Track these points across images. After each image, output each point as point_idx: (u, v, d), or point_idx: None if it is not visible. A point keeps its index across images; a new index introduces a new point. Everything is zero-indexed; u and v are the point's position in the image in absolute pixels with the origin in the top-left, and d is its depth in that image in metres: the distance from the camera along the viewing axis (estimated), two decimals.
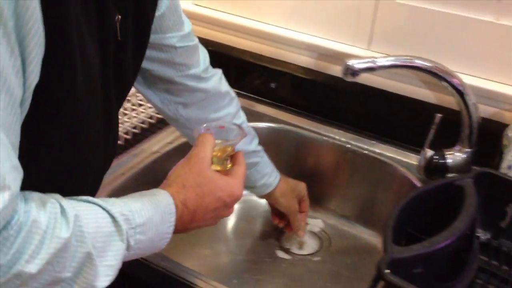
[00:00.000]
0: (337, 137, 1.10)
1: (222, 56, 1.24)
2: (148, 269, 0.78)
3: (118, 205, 0.55)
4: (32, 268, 0.46)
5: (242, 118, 0.92)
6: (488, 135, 0.95)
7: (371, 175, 1.07)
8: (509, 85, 0.96)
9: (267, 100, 1.22)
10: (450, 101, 0.94)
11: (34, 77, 0.46)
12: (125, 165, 0.98)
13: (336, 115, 1.13)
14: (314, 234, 1.08)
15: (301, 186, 1.02)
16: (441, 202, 0.79)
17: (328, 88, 1.12)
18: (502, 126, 0.93)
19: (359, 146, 1.08)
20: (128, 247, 0.55)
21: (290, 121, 1.15)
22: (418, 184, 0.98)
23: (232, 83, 1.24)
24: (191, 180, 0.63)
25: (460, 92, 0.88)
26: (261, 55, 1.19)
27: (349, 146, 1.08)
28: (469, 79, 0.96)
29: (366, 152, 1.07)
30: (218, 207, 0.65)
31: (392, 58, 0.87)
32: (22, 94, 0.46)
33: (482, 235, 0.83)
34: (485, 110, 0.97)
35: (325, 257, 1.03)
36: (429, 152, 0.96)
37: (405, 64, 0.87)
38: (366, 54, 1.05)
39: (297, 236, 1.03)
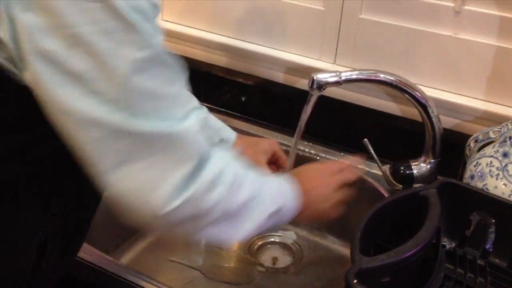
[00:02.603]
0: (306, 149, 1.11)
1: (191, 71, 1.23)
2: (118, 284, 0.78)
3: None
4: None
5: None
6: (451, 145, 0.98)
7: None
8: (468, 97, 0.99)
9: (238, 114, 1.23)
10: (414, 113, 0.97)
11: None
12: None
13: (305, 128, 1.14)
14: (286, 246, 1.09)
15: (266, 143, 0.95)
16: (407, 212, 0.81)
17: (297, 102, 1.13)
18: (464, 137, 0.96)
19: (328, 158, 1.09)
20: None
21: (261, 134, 1.16)
22: (386, 194, 1.00)
23: (202, 97, 1.26)
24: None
25: (422, 105, 0.91)
26: (230, 70, 1.20)
27: (318, 158, 1.10)
28: (430, 91, 0.99)
29: None
30: (322, 168, 0.81)
31: (357, 72, 0.89)
32: None
33: (448, 243, 0.85)
34: (447, 122, 0.99)
35: (297, 268, 1.04)
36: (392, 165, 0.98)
37: (369, 78, 0.89)
38: (332, 68, 1.08)
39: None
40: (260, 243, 1.07)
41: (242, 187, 0.62)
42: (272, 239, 1.09)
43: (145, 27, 0.49)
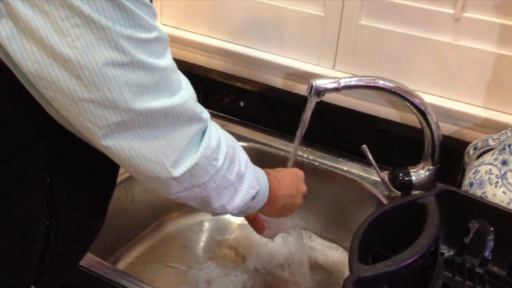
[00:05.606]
0: (305, 155, 1.11)
1: (190, 76, 1.23)
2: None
3: None
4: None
5: None
6: (450, 152, 0.97)
7: (339, 192, 1.08)
8: (468, 103, 0.99)
9: (236, 119, 1.22)
10: (413, 119, 0.96)
11: None
12: None
13: (304, 133, 1.14)
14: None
15: None
16: (405, 220, 0.80)
17: (296, 107, 1.13)
18: (464, 144, 0.96)
19: (326, 164, 1.09)
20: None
21: (259, 139, 1.16)
22: (385, 201, 1.00)
23: (201, 102, 1.25)
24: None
25: (421, 111, 0.91)
26: (229, 74, 1.20)
27: (317, 164, 1.09)
28: (430, 98, 0.99)
29: (333, 169, 1.08)
30: (294, 179, 0.83)
31: (356, 79, 0.89)
32: None
33: (446, 251, 0.84)
34: (446, 128, 0.99)
35: (295, 275, 1.03)
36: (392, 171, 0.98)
37: (368, 84, 0.89)
38: (331, 74, 1.07)
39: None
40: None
41: (235, 160, 0.67)
42: (271, 244, 1.09)
43: (141, 12, 0.52)
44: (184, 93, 0.58)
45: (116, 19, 0.49)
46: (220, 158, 0.63)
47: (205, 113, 0.62)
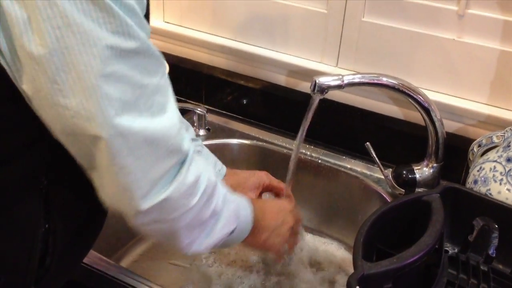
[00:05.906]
0: (308, 152, 1.11)
1: (193, 73, 1.24)
2: (118, 287, 0.77)
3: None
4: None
5: None
6: (454, 149, 0.97)
7: (342, 190, 1.08)
8: (472, 100, 0.99)
9: (239, 116, 1.22)
10: (417, 116, 0.96)
11: None
12: None
13: (307, 131, 1.14)
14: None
15: (255, 178, 0.92)
16: (410, 217, 0.80)
17: (298, 104, 1.13)
18: (468, 141, 0.96)
19: (330, 162, 1.09)
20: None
21: (262, 137, 1.16)
22: (389, 198, 0.99)
23: (203, 99, 1.25)
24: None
25: (425, 109, 0.90)
26: (232, 72, 1.20)
27: (320, 161, 1.09)
28: (433, 95, 0.99)
29: (336, 167, 1.08)
30: (280, 210, 0.82)
31: (359, 76, 0.89)
32: None
33: (451, 249, 0.84)
34: (450, 126, 0.99)
35: (300, 273, 1.03)
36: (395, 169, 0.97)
37: (371, 81, 0.89)
38: (334, 71, 1.07)
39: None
40: None
41: (213, 198, 0.63)
42: None
43: (130, 20, 0.50)
44: (166, 120, 0.54)
45: (102, 23, 0.47)
46: (196, 195, 0.59)
47: (186, 144, 0.58)
